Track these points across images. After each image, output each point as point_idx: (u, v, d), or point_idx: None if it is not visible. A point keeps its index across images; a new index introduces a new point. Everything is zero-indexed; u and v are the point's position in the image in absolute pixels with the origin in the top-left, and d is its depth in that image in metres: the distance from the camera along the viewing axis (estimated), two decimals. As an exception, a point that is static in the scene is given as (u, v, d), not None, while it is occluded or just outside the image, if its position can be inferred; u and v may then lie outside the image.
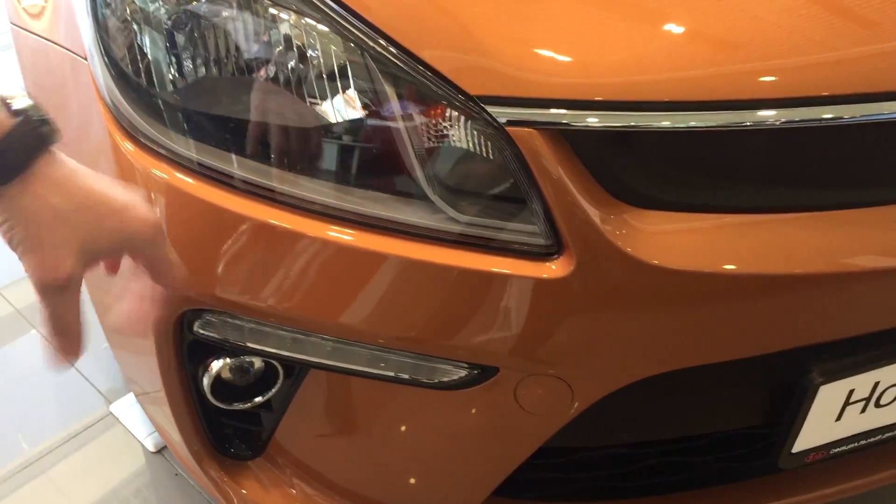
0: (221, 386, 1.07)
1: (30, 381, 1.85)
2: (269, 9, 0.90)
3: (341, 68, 0.88)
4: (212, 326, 1.00)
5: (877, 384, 1.03)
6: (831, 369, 0.99)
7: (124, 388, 1.80)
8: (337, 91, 0.89)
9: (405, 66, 0.86)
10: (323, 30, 0.88)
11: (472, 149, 0.87)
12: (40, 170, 0.71)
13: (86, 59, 0.98)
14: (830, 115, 0.86)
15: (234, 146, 0.92)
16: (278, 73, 0.90)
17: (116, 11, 0.95)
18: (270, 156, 0.92)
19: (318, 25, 0.88)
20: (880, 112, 0.87)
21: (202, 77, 0.92)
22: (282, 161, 0.92)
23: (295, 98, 0.90)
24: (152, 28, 0.93)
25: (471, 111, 0.85)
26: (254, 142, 0.92)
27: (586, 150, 0.87)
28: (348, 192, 0.91)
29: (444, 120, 0.87)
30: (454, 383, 0.98)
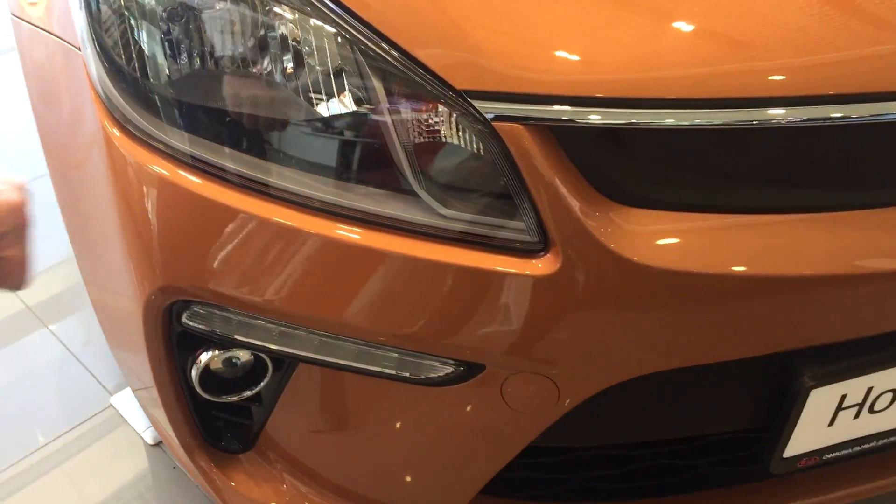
0: (210, 378, 1.07)
1: (38, 377, 1.85)
2: (261, 2, 0.90)
3: (331, 62, 0.88)
4: (200, 318, 1.00)
5: (870, 389, 1.02)
6: (822, 373, 0.98)
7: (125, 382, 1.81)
8: (326, 85, 0.89)
9: (393, 61, 0.85)
10: (314, 24, 0.88)
11: (459, 144, 0.87)
12: None
13: (79, 48, 0.99)
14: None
15: (224, 138, 0.92)
16: (269, 66, 0.90)
17: (110, 2, 0.95)
18: (260, 149, 0.92)
19: (309, 20, 0.88)
20: (888, 112, 0.86)
21: (194, 70, 0.92)
22: (270, 154, 0.92)
23: (283, 91, 0.90)
24: (146, 19, 0.94)
25: (458, 106, 0.84)
26: (243, 134, 0.92)
27: (575, 147, 0.86)
28: (336, 186, 0.90)
29: (431, 115, 0.86)
30: (440, 380, 0.97)
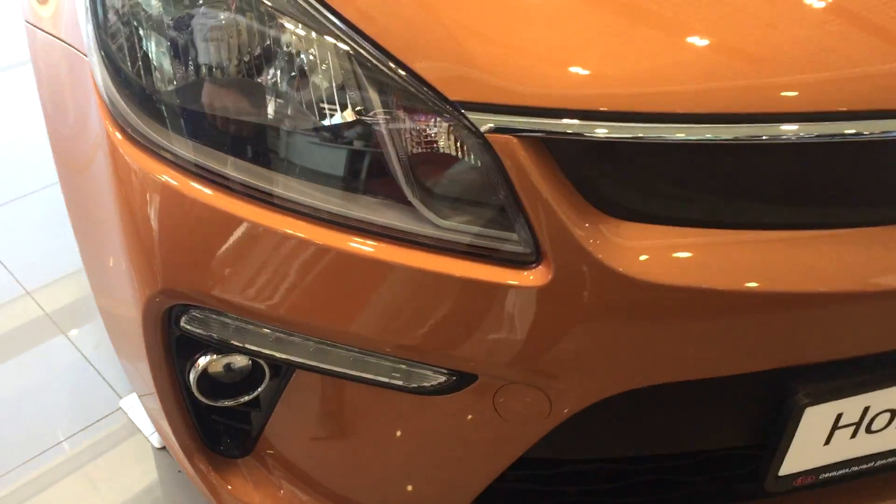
0: (209, 382, 1.08)
1: (53, 380, 1.86)
2: (263, 14, 0.91)
3: (330, 73, 0.89)
4: (198, 322, 1.01)
5: (867, 409, 1.01)
6: (817, 391, 0.98)
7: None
8: (325, 95, 0.90)
9: (388, 72, 0.86)
10: (314, 36, 0.89)
11: (453, 155, 0.88)
12: None
13: (86, 55, 1.00)
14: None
15: (225, 146, 0.94)
16: (270, 77, 0.92)
17: (117, 10, 0.97)
18: (259, 157, 0.93)
19: (309, 31, 0.89)
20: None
21: (198, 79, 0.94)
22: (270, 163, 0.93)
23: (283, 101, 0.91)
24: (153, 28, 0.95)
25: (452, 118, 0.85)
26: (244, 142, 0.94)
27: (568, 160, 0.87)
28: (333, 196, 0.91)
29: (426, 126, 0.87)
30: (434, 389, 0.98)
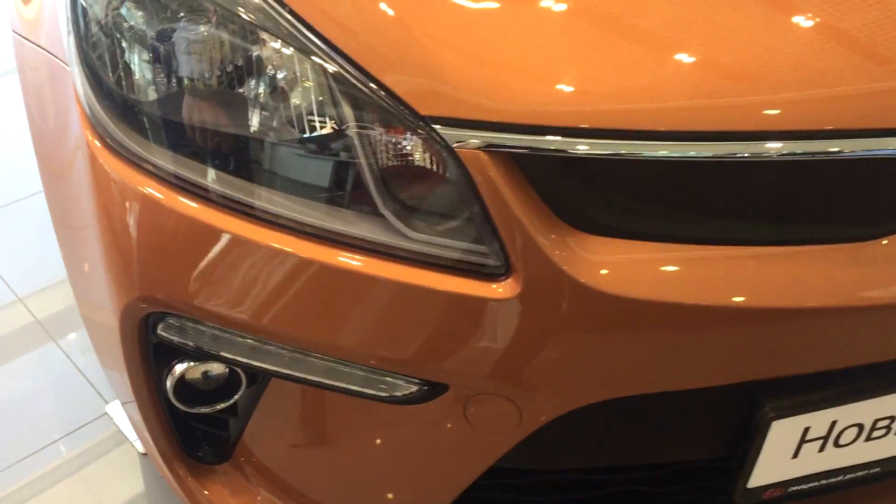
0: (186, 389, 1.09)
1: (42, 385, 1.86)
2: (242, 28, 0.92)
3: (304, 86, 0.91)
4: (174, 330, 1.02)
5: (834, 423, 1.02)
6: (784, 405, 0.99)
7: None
8: (300, 108, 0.91)
9: (362, 86, 0.88)
10: (289, 50, 0.91)
11: (424, 169, 0.89)
12: None
13: (67, 64, 1.02)
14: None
15: (202, 156, 0.95)
16: (247, 89, 0.93)
17: (98, 22, 0.98)
18: (236, 168, 0.94)
19: (286, 46, 0.91)
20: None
21: (178, 90, 0.95)
22: (246, 174, 0.94)
23: (260, 113, 0.93)
24: (133, 40, 0.97)
25: (422, 132, 0.87)
26: (221, 153, 0.95)
27: (537, 174, 0.88)
28: (307, 206, 0.93)
29: (398, 139, 0.89)
30: (405, 398, 0.99)
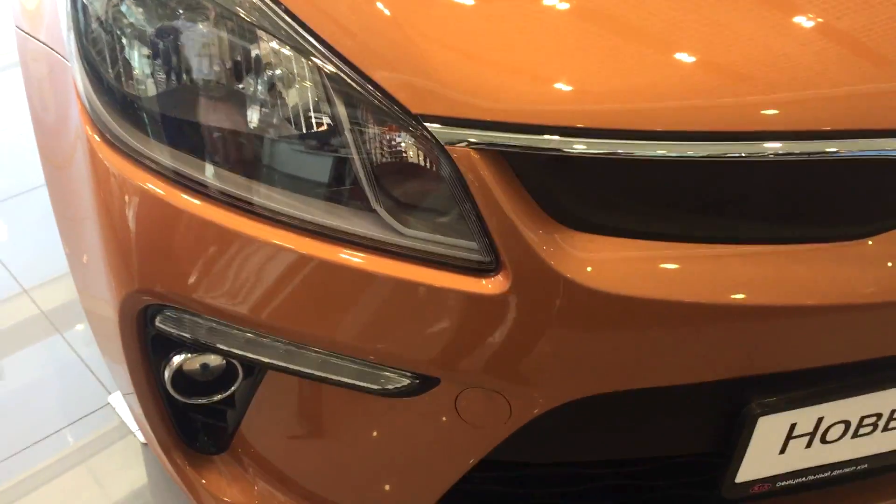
0: (184, 380, 1.11)
1: (47, 376, 1.88)
2: (240, 26, 0.94)
3: (300, 84, 0.92)
4: (172, 322, 1.04)
5: (820, 420, 1.04)
6: (770, 402, 1.00)
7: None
8: (295, 105, 0.93)
9: (355, 85, 0.89)
10: (285, 48, 0.92)
11: (416, 166, 0.91)
12: None
13: (67, 59, 1.04)
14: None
15: (199, 151, 0.97)
16: (243, 86, 0.95)
17: (98, 18, 1.00)
18: (232, 163, 0.96)
19: (281, 44, 0.92)
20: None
21: (176, 86, 0.97)
22: (241, 168, 0.96)
23: (255, 109, 0.94)
24: (133, 36, 0.98)
25: (413, 129, 0.88)
26: (217, 149, 0.97)
27: (527, 172, 0.90)
28: (301, 202, 0.94)
29: (390, 137, 0.90)
30: (397, 391, 1.01)
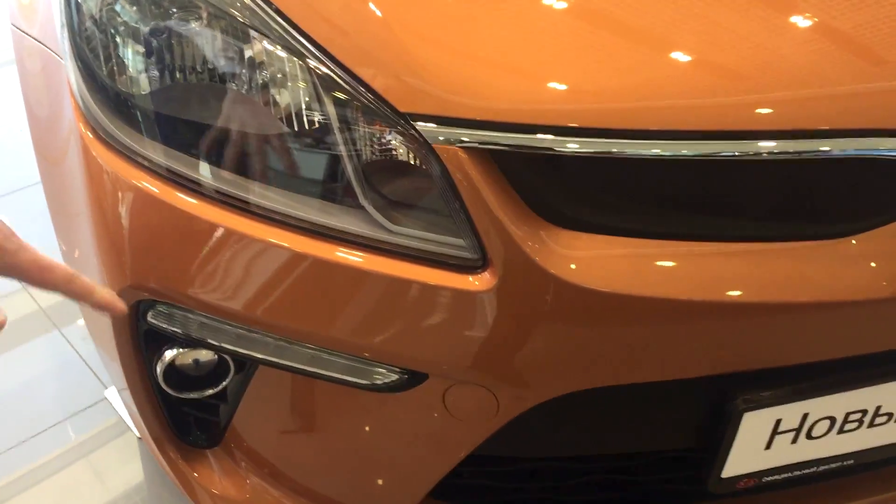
0: (176, 375, 1.12)
1: (44, 371, 1.90)
2: (231, 25, 0.95)
3: (289, 82, 0.93)
4: (163, 317, 1.05)
5: (806, 416, 1.05)
6: (756, 397, 1.01)
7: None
8: (284, 103, 0.94)
9: (344, 83, 0.90)
10: (275, 47, 0.93)
11: (404, 164, 0.92)
12: None
13: (61, 57, 1.05)
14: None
15: (190, 149, 0.98)
16: (234, 84, 0.96)
17: (92, 16, 1.01)
18: (223, 161, 0.97)
19: (272, 44, 0.93)
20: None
21: (167, 84, 0.98)
22: (231, 166, 0.97)
23: (245, 108, 0.95)
24: (127, 34, 0.99)
25: (401, 128, 0.89)
26: (209, 146, 0.98)
27: (513, 170, 0.91)
28: (291, 198, 0.95)
29: (379, 135, 0.91)
30: (386, 386, 1.02)
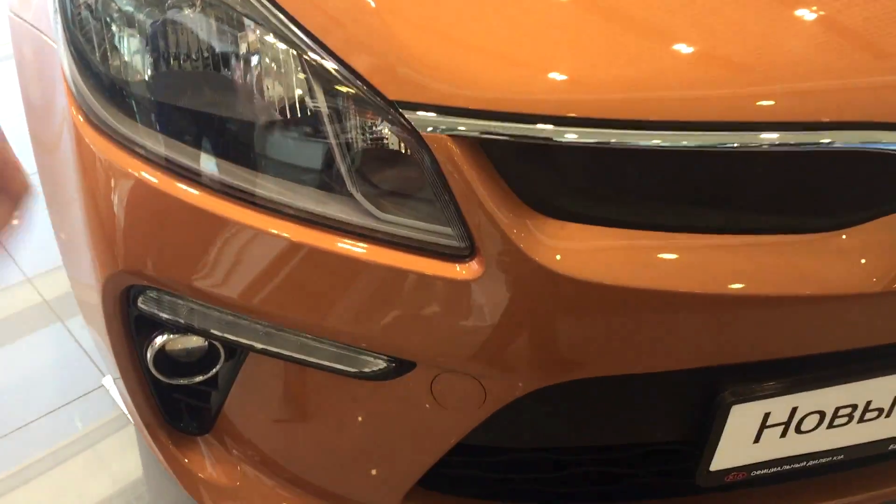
0: (167, 361, 1.13)
1: (45, 361, 1.91)
2: (224, 12, 0.95)
3: (279, 68, 0.93)
4: (153, 302, 1.05)
5: (795, 410, 1.04)
6: (744, 390, 1.01)
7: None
8: (275, 90, 0.94)
9: (333, 70, 0.90)
10: (267, 34, 0.93)
11: (392, 152, 0.91)
12: None
13: (55, 42, 1.05)
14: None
15: (181, 135, 0.98)
16: (224, 71, 0.96)
17: (84, 1, 1.01)
18: (214, 147, 0.97)
19: (263, 30, 0.93)
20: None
21: (161, 71, 0.98)
22: (221, 152, 0.97)
23: (236, 94, 0.95)
24: (120, 21, 0.99)
25: (391, 116, 0.89)
26: (199, 133, 0.98)
27: (502, 160, 0.90)
28: (280, 185, 0.95)
29: (368, 123, 0.91)
30: (374, 374, 1.02)
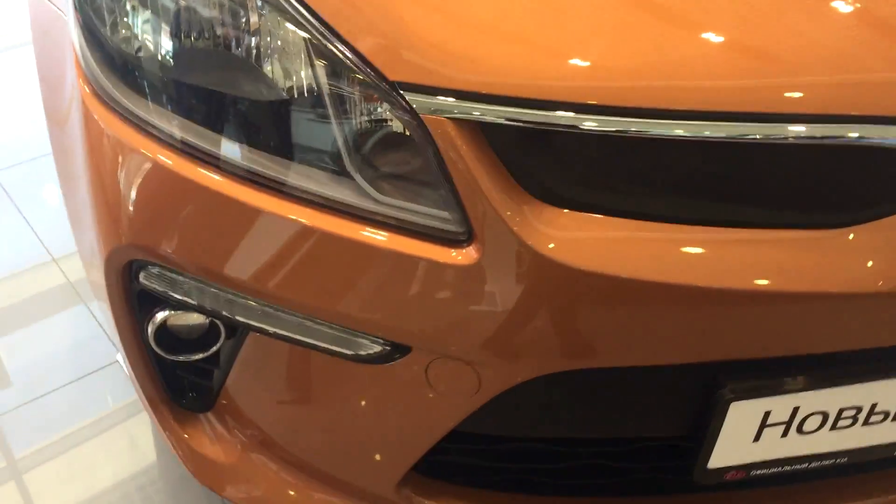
0: (168, 337, 1.13)
1: (66, 338, 1.92)
2: None
3: (283, 48, 0.93)
4: (154, 278, 1.06)
5: (796, 409, 1.02)
6: (743, 387, 0.99)
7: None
8: (277, 69, 0.94)
9: (335, 50, 0.90)
10: (271, 13, 0.93)
11: (392, 134, 0.91)
12: None
13: (65, 14, 1.06)
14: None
15: (186, 112, 0.98)
16: (225, 49, 0.96)
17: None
18: (214, 123, 0.97)
19: (268, 10, 0.93)
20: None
21: (164, 47, 0.98)
22: (222, 130, 0.97)
23: (236, 72, 0.95)
24: None
25: (390, 97, 0.89)
26: (202, 109, 0.98)
27: (503, 145, 0.90)
28: (279, 164, 0.95)
29: (369, 103, 0.91)
30: (370, 357, 1.02)
